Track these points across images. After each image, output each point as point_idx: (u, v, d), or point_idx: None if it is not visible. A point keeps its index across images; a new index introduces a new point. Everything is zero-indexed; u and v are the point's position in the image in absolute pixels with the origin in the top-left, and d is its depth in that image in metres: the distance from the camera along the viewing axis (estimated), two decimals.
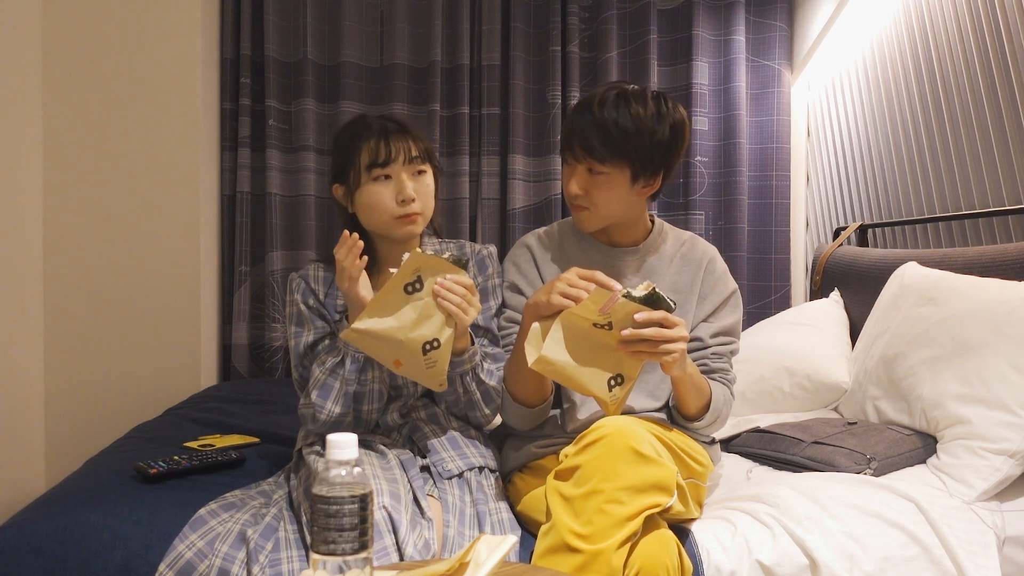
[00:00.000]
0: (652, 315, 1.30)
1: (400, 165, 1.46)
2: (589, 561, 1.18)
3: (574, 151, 1.51)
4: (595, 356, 1.34)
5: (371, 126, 1.49)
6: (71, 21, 2.53)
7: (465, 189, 2.96)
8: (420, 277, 1.36)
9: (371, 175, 1.46)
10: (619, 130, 1.46)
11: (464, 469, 1.44)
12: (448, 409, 1.56)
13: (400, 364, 1.39)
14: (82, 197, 2.56)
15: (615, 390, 1.36)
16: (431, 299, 1.36)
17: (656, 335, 1.30)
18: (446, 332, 1.37)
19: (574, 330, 1.33)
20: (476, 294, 1.39)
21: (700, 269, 1.61)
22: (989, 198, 2.12)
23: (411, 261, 1.35)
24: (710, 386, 1.50)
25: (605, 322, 1.32)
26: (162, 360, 2.61)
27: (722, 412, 1.54)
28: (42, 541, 1.29)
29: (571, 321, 1.33)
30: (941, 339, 1.74)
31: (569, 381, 1.36)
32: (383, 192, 1.46)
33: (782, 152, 3.06)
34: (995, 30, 2.07)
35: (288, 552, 1.27)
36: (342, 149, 1.50)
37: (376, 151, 1.45)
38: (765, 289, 3.07)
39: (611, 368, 1.35)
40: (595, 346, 1.34)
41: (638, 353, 1.32)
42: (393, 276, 1.35)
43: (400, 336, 1.35)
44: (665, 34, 3.07)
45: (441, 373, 1.40)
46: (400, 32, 2.93)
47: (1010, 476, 1.54)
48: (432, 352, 1.37)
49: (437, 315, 1.37)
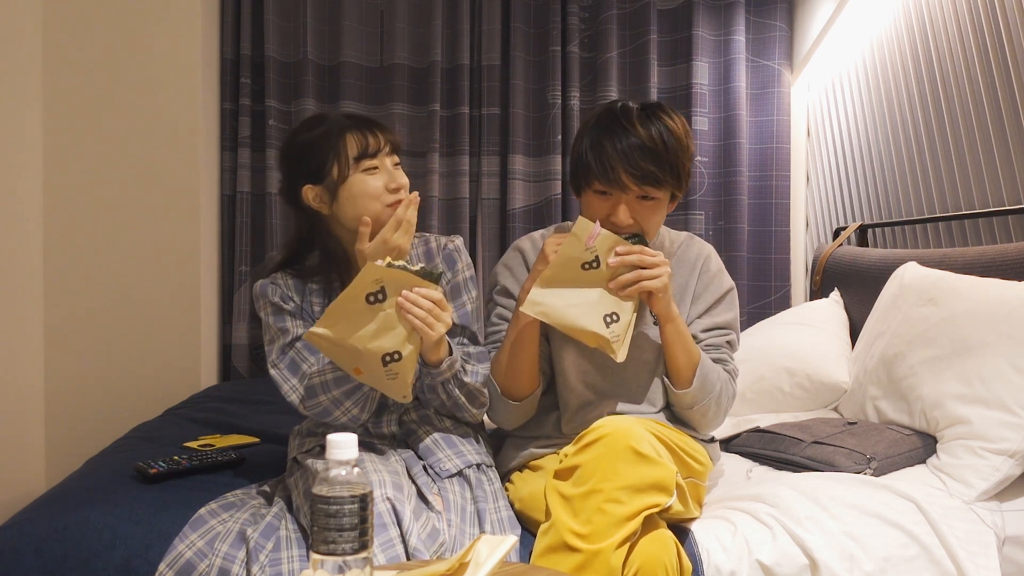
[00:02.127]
0: (631, 248, 1.37)
1: (385, 155, 1.45)
2: (588, 560, 1.18)
3: (620, 180, 1.40)
4: (586, 295, 1.37)
5: (342, 121, 1.45)
6: (71, 21, 2.53)
7: (465, 189, 2.96)
8: (383, 288, 1.30)
9: (360, 166, 1.43)
10: (667, 152, 1.40)
11: (462, 467, 1.43)
12: (437, 410, 1.55)
13: (360, 372, 1.34)
14: (82, 197, 2.56)
15: (612, 327, 1.38)
16: (394, 311, 1.30)
17: (639, 261, 1.36)
18: (409, 346, 1.32)
19: (564, 273, 1.37)
20: (446, 308, 1.34)
21: (695, 269, 1.60)
22: (989, 198, 2.12)
23: (368, 271, 1.29)
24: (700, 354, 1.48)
25: (592, 258, 1.36)
26: (162, 360, 2.61)
27: (716, 388, 1.49)
28: (42, 541, 1.29)
29: (560, 264, 1.37)
30: (941, 339, 1.74)
31: (562, 322, 1.38)
32: (374, 182, 1.43)
33: (782, 152, 3.06)
34: (995, 30, 2.07)
35: (289, 552, 1.27)
36: (316, 147, 1.44)
37: (364, 142, 1.43)
38: (765, 289, 3.07)
39: (605, 306, 1.38)
40: (586, 286, 1.38)
41: (627, 289, 1.37)
42: (352, 283, 1.29)
43: (358, 345, 1.30)
44: (665, 34, 3.07)
45: (404, 386, 1.34)
46: (400, 32, 2.93)
47: (1010, 476, 1.54)
48: (393, 364, 1.32)
49: (400, 327, 1.31)
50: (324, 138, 1.44)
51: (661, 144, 1.40)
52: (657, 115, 1.43)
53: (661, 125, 1.41)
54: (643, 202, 1.43)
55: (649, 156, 1.39)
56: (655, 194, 1.43)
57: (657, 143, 1.39)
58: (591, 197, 1.46)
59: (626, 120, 1.41)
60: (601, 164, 1.41)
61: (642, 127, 1.40)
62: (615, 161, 1.40)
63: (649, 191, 1.42)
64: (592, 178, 1.43)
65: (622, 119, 1.42)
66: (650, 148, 1.39)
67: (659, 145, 1.39)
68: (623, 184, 1.41)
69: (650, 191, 1.42)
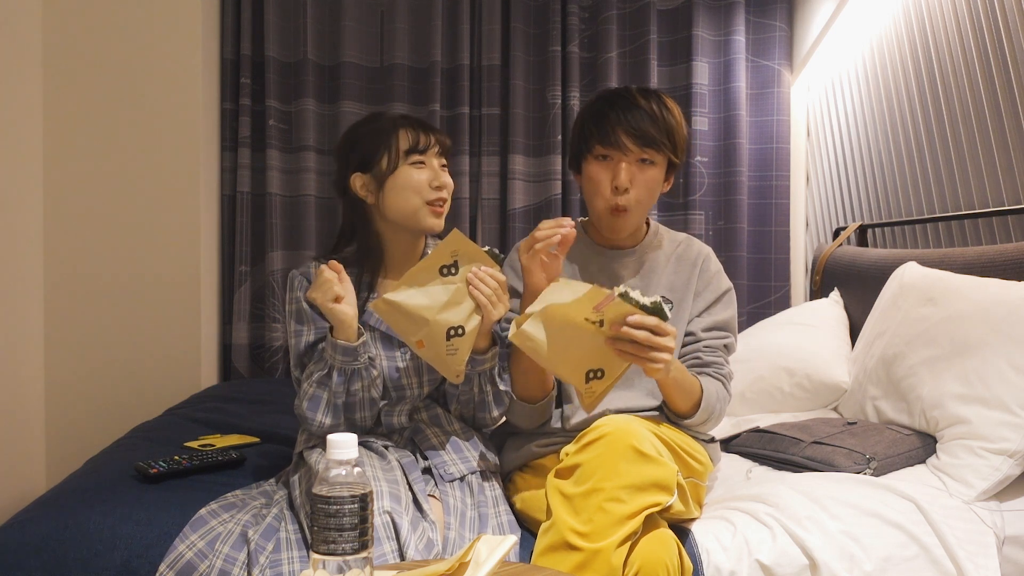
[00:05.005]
0: (646, 320, 1.26)
1: (434, 155, 1.51)
2: (589, 559, 1.18)
3: (620, 142, 1.48)
4: (579, 345, 1.32)
5: (401, 118, 1.53)
6: (71, 21, 2.53)
7: (465, 189, 2.96)
8: (456, 261, 1.37)
9: (409, 159, 1.48)
10: (665, 120, 1.50)
11: (466, 472, 1.44)
12: (455, 410, 1.56)
13: (422, 345, 1.39)
14: (82, 197, 2.56)
15: (592, 383, 1.34)
16: (463, 285, 1.37)
17: (646, 340, 1.26)
18: (472, 321, 1.38)
19: (563, 318, 1.31)
20: (507, 292, 1.41)
21: (695, 268, 1.62)
22: (989, 198, 2.13)
23: (450, 242, 1.36)
24: (701, 384, 1.49)
25: (597, 319, 1.30)
26: (162, 360, 2.61)
27: (715, 409, 1.51)
28: (43, 541, 1.29)
29: (562, 311, 1.31)
30: (941, 339, 1.74)
31: (546, 361, 1.34)
32: (420, 176, 1.48)
33: (782, 152, 3.06)
34: (995, 30, 2.07)
35: (289, 553, 1.27)
36: (369, 138, 1.51)
37: (416, 138, 1.49)
38: (765, 289, 3.07)
39: (593, 361, 1.33)
40: (582, 336, 1.31)
41: (623, 353, 1.30)
42: (430, 254, 1.37)
43: (428, 316, 1.36)
44: (665, 34, 3.07)
45: (460, 363, 1.40)
46: (400, 32, 2.93)
47: (1010, 476, 1.54)
48: (455, 339, 1.38)
49: (466, 303, 1.38)
50: (379, 131, 1.51)
51: (659, 112, 1.50)
52: (655, 93, 1.54)
53: (658, 99, 1.52)
54: (642, 166, 1.51)
55: (648, 119, 1.49)
56: (653, 157, 1.50)
57: (656, 111, 1.50)
58: (591, 166, 1.53)
59: (627, 94, 1.52)
60: (602, 128, 1.50)
61: (642, 99, 1.51)
62: (615, 124, 1.49)
63: (648, 153, 1.50)
64: (593, 142, 1.51)
65: (624, 94, 1.53)
66: (648, 114, 1.49)
67: (657, 113, 1.50)
68: (623, 145, 1.49)
69: (649, 153, 1.50)
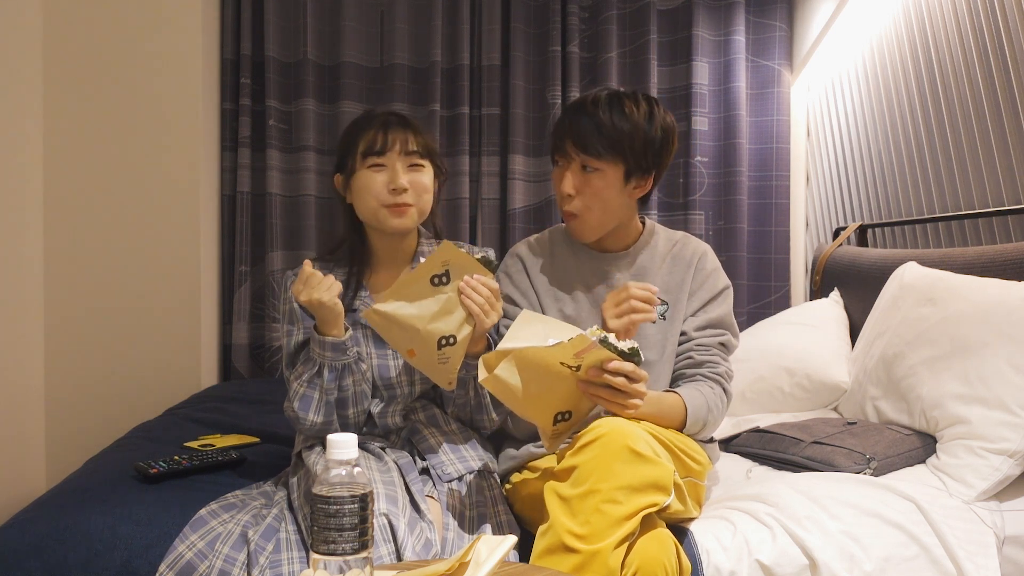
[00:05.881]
0: (623, 365, 1.28)
1: (395, 155, 1.49)
2: (587, 561, 1.18)
3: (566, 149, 1.51)
4: (551, 388, 1.31)
5: (374, 118, 1.53)
6: (71, 21, 2.53)
7: (465, 189, 2.96)
8: (448, 271, 1.37)
9: (366, 162, 1.49)
10: (614, 128, 1.48)
11: (464, 472, 1.44)
12: (452, 412, 1.56)
13: (414, 354, 1.39)
14: (82, 197, 2.56)
15: (560, 424, 1.34)
16: (455, 295, 1.37)
17: (622, 385, 1.29)
18: (464, 330, 1.38)
19: (539, 361, 1.28)
20: (500, 299, 1.41)
21: (690, 268, 1.61)
22: (989, 198, 2.12)
23: (441, 252, 1.36)
24: (684, 401, 1.46)
25: (576, 365, 1.29)
26: (162, 360, 2.61)
27: (707, 418, 1.49)
28: (43, 541, 1.29)
29: (539, 354, 1.27)
30: (941, 339, 1.74)
31: (518, 404, 1.31)
32: (376, 178, 1.48)
33: (782, 152, 3.06)
34: (995, 30, 2.07)
35: (289, 553, 1.28)
36: (343, 139, 1.55)
37: (373, 140, 1.49)
38: (765, 289, 3.07)
39: (563, 402, 1.32)
40: (555, 380, 1.30)
41: (596, 397, 1.31)
42: (421, 264, 1.37)
43: (418, 325, 1.36)
44: (665, 34, 3.07)
45: (452, 371, 1.40)
46: (400, 32, 2.93)
47: (1010, 476, 1.54)
48: (447, 348, 1.38)
49: (458, 312, 1.37)
50: (349, 132, 1.54)
51: (609, 120, 1.48)
52: (622, 100, 1.50)
53: (618, 109, 1.49)
54: (586, 173, 1.51)
55: (592, 128, 1.48)
56: (595, 164, 1.49)
57: (604, 119, 1.48)
58: (553, 172, 1.57)
59: (584, 102, 1.52)
60: (556, 135, 1.53)
61: (597, 108, 1.49)
62: (564, 131, 1.51)
63: (589, 161, 1.49)
64: (553, 150, 1.55)
65: (582, 102, 1.52)
66: (596, 122, 1.48)
67: (605, 121, 1.48)
68: (566, 152, 1.51)
69: (590, 161, 1.49)
